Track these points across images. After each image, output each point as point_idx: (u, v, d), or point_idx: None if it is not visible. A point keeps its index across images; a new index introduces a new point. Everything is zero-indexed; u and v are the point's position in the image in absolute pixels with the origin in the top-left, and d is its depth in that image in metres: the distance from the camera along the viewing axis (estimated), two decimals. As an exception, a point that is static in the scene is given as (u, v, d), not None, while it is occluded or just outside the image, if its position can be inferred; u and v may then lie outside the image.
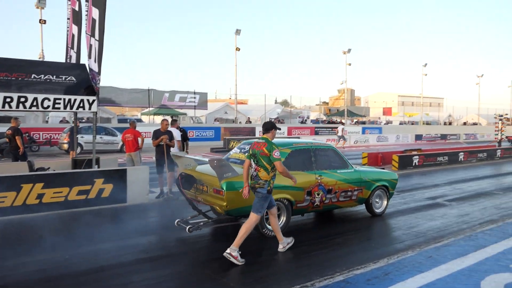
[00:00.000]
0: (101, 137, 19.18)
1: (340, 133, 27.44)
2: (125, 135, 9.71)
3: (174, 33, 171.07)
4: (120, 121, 28.54)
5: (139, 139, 9.69)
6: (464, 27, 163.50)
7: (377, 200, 7.46)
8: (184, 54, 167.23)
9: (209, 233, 6.32)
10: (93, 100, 7.76)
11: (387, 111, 63.91)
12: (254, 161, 5.13)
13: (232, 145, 23.55)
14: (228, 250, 4.84)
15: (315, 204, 6.41)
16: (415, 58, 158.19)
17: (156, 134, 8.75)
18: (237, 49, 31.82)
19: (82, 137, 17.49)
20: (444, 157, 16.95)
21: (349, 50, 38.48)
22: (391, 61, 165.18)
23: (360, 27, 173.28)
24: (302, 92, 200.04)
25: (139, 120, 32.36)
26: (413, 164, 15.12)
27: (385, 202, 7.56)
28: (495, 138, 23.90)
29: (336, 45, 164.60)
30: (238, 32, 31.36)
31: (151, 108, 29.49)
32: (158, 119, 29.64)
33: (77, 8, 7.92)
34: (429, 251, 5.33)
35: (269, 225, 5.65)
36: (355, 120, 46.37)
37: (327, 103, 73.79)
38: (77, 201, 7.39)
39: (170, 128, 9.09)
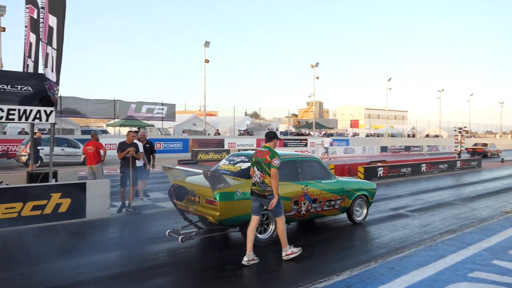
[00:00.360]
0: (62, 149, 18.49)
1: (326, 145, 28.34)
2: (87, 147, 9.38)
3: (142, 43, 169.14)
4: (84, 132, 27.64)
5: (101, 151, 9.37)
6: (426, 43, 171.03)
7: (357, 209, 7.79)
8: (152, 65, 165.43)
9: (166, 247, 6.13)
10: (51, 111, 7.43)
11: (354, 124, 65.45)
12: (258, 168, 5.43)
13: (200, 157, 23.29)
14: (283, 253, 5.45)
15: (301, 213, 6.65)
16: (380, 72, 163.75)
17: (122, 146, 8.46)
18: (206, 61, 31.80)
19: (42, 149, 16.78)
20: (408, 168, 17.43)
21: (317, 64, 39.27)
22: (358, 75, 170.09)
23: (328, 41, 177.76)
24: (272, 104, 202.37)
25: (105, 132, 31.53)
26: (378, 176, 15.45)
27: (365, 211, 7.92)
28: (455, 150, 24.89)
29: (305, 59, 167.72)
30: (207, 44, 31.36)
31: (117, 120, 28.78)
32: (125, 130, 28.97)
33: (35, 16, 7.61)
34: (391, 262, 5.38)
35: (260, 234, 6.00)
36: (323, 132, 47.11)
37: (297, 115, 74.78)
38: (32, 217, 6.98)
39: (135, 140, 8.87)
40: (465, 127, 39.22)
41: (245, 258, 5.26)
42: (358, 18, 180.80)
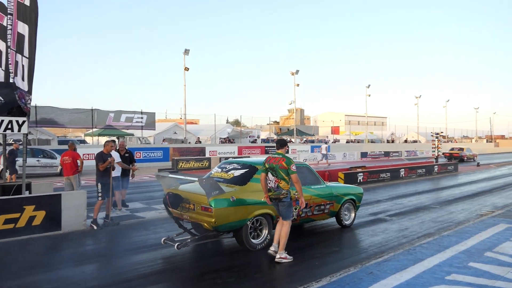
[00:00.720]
0: (38, 160, 18.03)
1: (324, 151, 29.27)
2: (63, 157, 9.16)
3: (120, 51, 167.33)
4: (60, 142, 27.02)
5: (78, 162, 9.16)
6: (404, 51, 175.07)
7: (346, 213, 8.02)
8: (131, 73, 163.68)
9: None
10: (23, 121, 7.22)
11: (335, 130, 66.13)
12: (273, 174, 5.73)
13: (181, 165, 23.08)
14: (277, 255, 5.62)
15: (293, 218, 6.63)
16: (360, 79, 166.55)
17: (103, 157, 8.22)
18: (186, 69, 31.64)
19: (17, 160, 16.30)
20: (387, 173, 17.68)
21: (297, 71, 39.60)
22: (338, 82, 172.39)
23: (308, 49, 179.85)
24: (253, 112, 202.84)
25: (83, 141, 30.92)
26: (358, 181, 15.60)
27: (353, 214, 8.16)
28: (433, 155, 25.42)
29: (286, 66, 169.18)
30: (187, 52, 31.25)
31: (95, 129, 28.29)
32: (103, 140, 28.50)
33: (5, 24, 7.42)
34: (370, 267, 5.40)
35: (254, 239, 6.20)
36: (304, 139, 47.44)
37: (278, 123, 75.13)
38: (4, 231, 6.74)
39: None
40: (442, 132, 40.16)
41: (277, 256, 5.67)
42: (337, 26, 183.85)
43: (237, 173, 6.67)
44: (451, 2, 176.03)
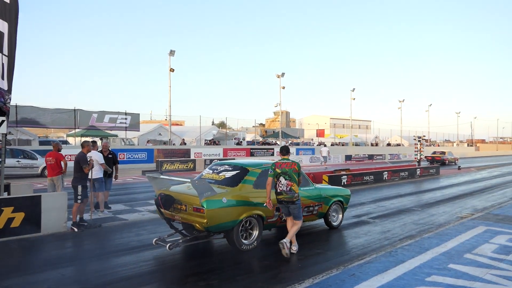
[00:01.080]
0: (18, 161, 17.63)
1: (324, 154, 30.12)
2: (47, 158, 8.98)
3: (105, 50, 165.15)
4: (42, 143, 26.48)
5: (62, 163, 8.94)
6: (388, 55, 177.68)
7: (334, 214, 8.12)
8: (116, 74, 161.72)
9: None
10: (2, 121, 7.06)
11: (320, 133, 66.56)
12: (286, 178, 6.14)
13: (166, 167, 22.90)
14: (293, 247, 6.23)
15: (283, 219, 6.81)
16: (345, 83, 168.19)
17: (86, 158, 8.08)
18: (171, 70, 31.45)
19: (-4, 161, 15.91)
20: (370, 176, 17.87)
21: (283, 74, 39.78)
22: (323, 85, 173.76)
23: (294, 52, 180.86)
24: (239, 114, 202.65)
25: (65, 142, 30.34)
26: (342, 184, 15.71)
27: (340, 216, 8.28)
28: (415, 158, 25.78)
29: (272, 69, 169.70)
30: (172, 53, 31.08)
31: (78, 130, 27.84)
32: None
33: (-16, 21, 7.23)
34: (352, 269, 5.44)
35: (245, 239, 6.30)
36: (289, 141, 47.60)
37: (264, 125, 75.21)
38: (-19, 233, 6.58)
39: (92, 151, 8.57)
40: (424, 136, 40.82)
41: (294, 248, 6.24)
42: (323, 30, 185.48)
43: (228, 174, 6.74)
44: (435, 9, 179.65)
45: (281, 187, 6.16)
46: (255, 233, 6.49)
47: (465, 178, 21.44)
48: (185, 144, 33.50)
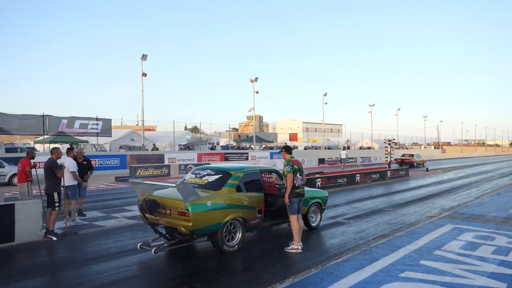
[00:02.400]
0: (-17, 169, 16.98)
1: (343, 156, 34.32)
2: (18, 164, 8.79)
3: (75, 54, 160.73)
4: (8, 150, 25.51)
5: (29, 170, 8.67)
6: (359, 60, 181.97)
7: (312, 215, 8.41)
8: (86, 78, 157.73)
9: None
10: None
11: (293, 137, 67.20)
12: (300, 174, 6.77)
13: (139, 173, 22.59)
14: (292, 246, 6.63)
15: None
16: (317, 87, 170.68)
17: (58, 164, 7.93)
18: (144, 74, 31.07)
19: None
20: (343, 179, 18.31)
21: (256, 79, 40.03)
22: (296, 90, 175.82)
23: (267, 57, 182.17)
24: (213, 118, 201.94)
25: (33, 149, 29.33)
26: (317, 186, 16.02)
27: (319, 217, 8.59)
28: (386, 161, 26.58)
29: (245, 73, 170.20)
30: (144, 57, 30.72)
31: (46, 136, 27.03)
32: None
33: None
34: (330, 267, 5.65)
35: (228, 242, 6.42)
36: (263, 146, 47.90)
37: (237, 129, 75.32)
38: (-49, 244, 6.38)
39: (66, 158, 8.45)
40: (394, 139, 42.11)
41: (294, 246, 6.60)
42: (294, 35, 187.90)
43: (212, 178, 6.87)
44: (402, 17, 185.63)
45: (297, 181, 6.70)
46: (238, 235, 6.65)
47: (433, 180, 22.28)
48: (157, 149, 33.10)
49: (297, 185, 6.70)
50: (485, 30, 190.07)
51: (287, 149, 7.06)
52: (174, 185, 6.11)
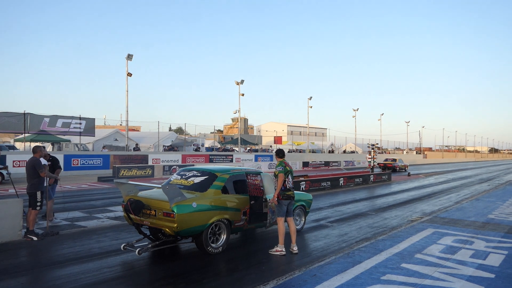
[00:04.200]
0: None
1: (369, 159, 35.66)
2: None
3: (58, 52, 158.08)
4: (-13, 148, 24.92)
5: None
6: (344, 66, 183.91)
7: (297, 218, 8.44)
8: (69, 77, 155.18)
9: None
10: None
11: (278, 140, 67.55)
12: (291, 176, 6.83)
13: (123, 173, 22.33)
14: (295, 249, 6.74)
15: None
16: (302, 91, 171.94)
17: (41, 162, 7.76)
18: (129, 74, 30.78)
19: None
20: (327, 182, 18.49)
21: (242, 81, 40.09)
22: (281, 93, 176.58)
23: (253, 60, 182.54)
24: (197, 120, 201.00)
25: (12, 147, 28.71)
26: (301, 189, 16.13)
27: (303, 219, 8.66)
28: (369, 165, 26.92)
29: (231, 75, 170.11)
30: (130, 57, 30.44)
31: (27, 134, 26.47)
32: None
33: None
34: (313, 270, 5.70)
35: (213, 243, 6.45)
36: (248, 148, 47.92)
37: (222, 131, 75.14)
38: None
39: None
40: (377, 144, 42.62)
41: (279, 248, 6.63)
42: (280, 38, 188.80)
43: (197, 180, 6.87)
44: (388, 21, 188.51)
45: (289, 184, 6.74)
46: (223, 237, 6.66)
47: (415, 184, 22.67)
48: (139, 149, 32.77)
49: (288, 187, 6.74)
50: (468, 37, 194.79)
51: (278, 153, 7.13)
52: (160, 185, 6.10)
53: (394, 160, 38.73)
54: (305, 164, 39.76)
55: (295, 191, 9.22)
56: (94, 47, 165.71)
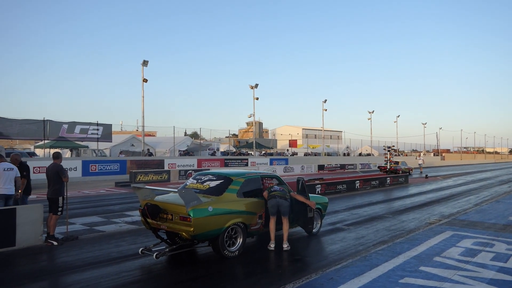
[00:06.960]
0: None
1: (420, 162, 42.88)
2: None
3: (76, 60, 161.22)
4: (8, 155, 25.55)
5: None
6: (359, 68, 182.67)
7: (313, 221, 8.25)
8: (87, 84, 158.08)
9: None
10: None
11: (293, 143, 67.26)
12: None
13: (140, 178, 22.60)
14: (285, 246, 7.05)
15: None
16: (317, 94, 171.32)
17: (64, 169, 7.95)
18: (145, 80, 31.20)
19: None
20: (343, 185, 18.34)
21: (257, 85, 40.15)
22: (296, 96, 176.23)
23: (267, 63, 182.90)
24: (212, 125, 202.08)
25: (33, 154, 29.38)
26: (317, 192, 16.05)
27: (319, 223, 8.65)
28: (385, 167, 26.61)
29: (245, 80, 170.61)
30: (145, 63, 30.86)
31: (46, 141, 27.07)
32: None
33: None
34: (330, 273, 5.67)
35: (229, 247, 6.49)
36: (263, 152, 47.93)
37: (237, 136, 75.34)
38: (-48, 248, 6.39)
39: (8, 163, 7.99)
40: (393, 146, 42.09)
41: (285, 245, 7.04)
42: (294, 41, 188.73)
43: (213, 184, 6.93)
44: (403, 23, 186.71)
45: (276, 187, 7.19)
46: (239, 240, 6.69)
47: (432, 186, 22.30)
48: (150, 154, 33.09)
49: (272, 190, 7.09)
50: (484, 37, 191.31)
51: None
52: (176, 190, 6.16)
53: (397, 163, 37.60)
54: (321, 167, 39.55)
55: (311, 195, 9.24)
56: (111, 54, 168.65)
